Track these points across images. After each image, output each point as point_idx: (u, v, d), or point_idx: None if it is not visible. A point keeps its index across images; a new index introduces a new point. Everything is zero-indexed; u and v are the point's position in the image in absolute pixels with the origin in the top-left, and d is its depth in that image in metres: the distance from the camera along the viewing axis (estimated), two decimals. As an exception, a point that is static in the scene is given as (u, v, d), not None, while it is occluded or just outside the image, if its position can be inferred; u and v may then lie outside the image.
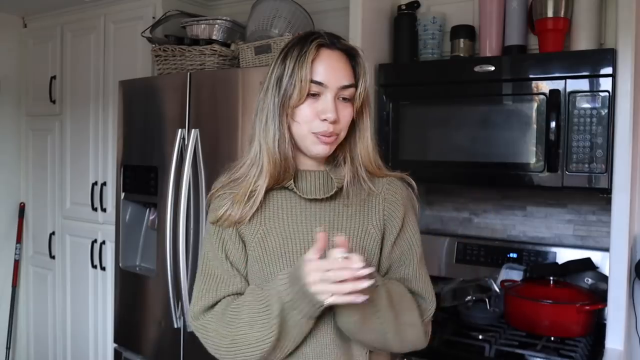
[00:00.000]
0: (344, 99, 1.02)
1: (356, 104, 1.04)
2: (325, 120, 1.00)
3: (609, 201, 1.54)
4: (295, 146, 1.05)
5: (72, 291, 2.83)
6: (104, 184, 2.64)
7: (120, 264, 2.25)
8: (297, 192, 1.05)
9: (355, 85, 1.03)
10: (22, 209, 3.08)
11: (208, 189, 1.90)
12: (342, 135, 1.05)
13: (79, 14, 2.74)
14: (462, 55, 1.90)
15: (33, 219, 3.06)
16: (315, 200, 1.06)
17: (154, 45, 2.20)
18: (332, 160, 1.09)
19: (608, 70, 1.51)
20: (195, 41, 2.12)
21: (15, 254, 3.05)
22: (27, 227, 3.09)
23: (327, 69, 1.01)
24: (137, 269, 2.25)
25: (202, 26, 2.17)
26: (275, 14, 2.04)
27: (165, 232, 1.96)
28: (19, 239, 3.06)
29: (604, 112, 1.51)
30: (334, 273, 0.88)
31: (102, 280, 2.66)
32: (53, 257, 2.92)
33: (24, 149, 3.09)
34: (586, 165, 1.54)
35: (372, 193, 1.08)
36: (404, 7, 2.02)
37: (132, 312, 2.20)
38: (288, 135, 1.02)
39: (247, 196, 1.03)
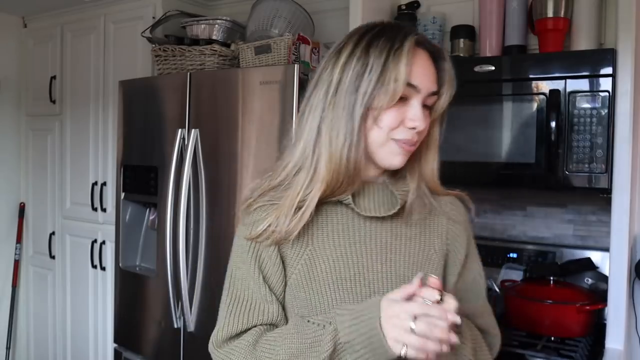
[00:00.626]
0: (424, 106, 0.88)
1: (435, 114, 0.91)
2: (413, 128, 0.86)
3: (609, 201, 1.53)
4: (365, 155, 0.89)
5: (72, 291, 2.83)
6: (104, 184, 2.64)
7: (120, 264, 2.25)
8: (355, 209, 0.90)
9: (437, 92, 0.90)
10: (22, 209, 3.08)
11: (208, 189, 1.92)
12: (419, 145, 0.91)
13: (79, 14, 2.74)
14: (462, 55, 1.90)
15: (33, 218, 3.06)
16: (374, 218, 0.91)
17: (154, 45, 2.20)
18: (393, 172, 0.94)
19: (608, 70, 1.50)
20: (195, 41, 2.12)
21: (15, 254, 3.05)
22: (27, 227, 3.09)
23: (422, 70, 0.86)
24: (137, 269, 2.25)
25: (202, 26, 2.17)
26: (275, 14, 2.04)
27: (165, 232, 1.96)
28: (19, 239, 3.06)
29: (604, 112, 1.51)
30: (425, 323, 0.73)
31: (102, 280, 2.66)
32: (53, 257, 2.92)
33: (24, 149, 3.09)
34: (586, 165, 1.53)
35: (434, 212, 0.95)
36: (404, 7, 2.02)
37: (132, 312, 2.20)
38: (364, 142, 0.87)
39: (294, 208, 0.87)
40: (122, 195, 2.24)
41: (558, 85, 1.57)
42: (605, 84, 1.51)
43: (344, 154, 0.85)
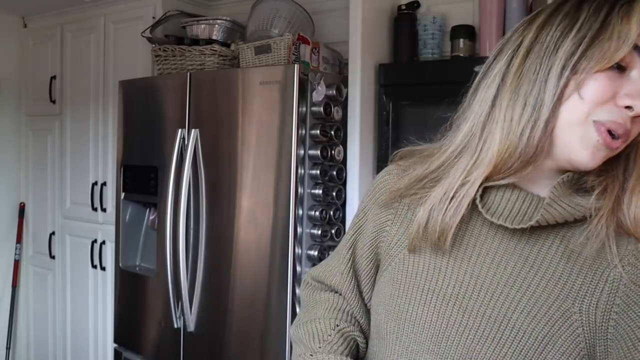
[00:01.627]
0: None
1: None
2: (628, 108, 0.60)
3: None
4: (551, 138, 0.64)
5: (72, 291, 2.83)
6: (104, 184, 2.64)
7: (120, 264, 2.25)
8: (480, 209, 0.67)
9: None
10: (22, 209, 3.08)
11: (208, 189, 1.92)
12: (621, 148, 0.63)
13: (79, 14, 2.74)
14: (462, 55, 1.90)
15: (33, 219, 3.06)
16: (506, 229, 0.67)
17: (154, 45, 2.20)
18: (568, 185, 0.65)
19: (608, 70, 1.50)
20: (195, 41, 2.12)
21: (15, 254, 3.05)
22: (27, 227, 3.09)
23: None
24: (137, 269, 2.26)
25: (202, 26, 2.17)
26: (275, 14, 2.04)
27: (165, 232, 1.96)
28: (19, 239, 3.06)
29: (604, 112, 1.51)
30: None
31: (102, 280, 2.66)
32: (53, 257, 2.92)
33: (24, 149, 3.09)
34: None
35: (608, 257, 0.62)
36: (404, 7, 2.02)
37: (132, 312, 2.20)
38: (554, 120, 0.62)
39: (449, 198, 0.67)
40: (122, 195, 2.24)
41: (558, 85, 1.56)
42: (606, 84, 1.51)
43: (526, 131, 0.62)
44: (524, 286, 0.64)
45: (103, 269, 2.65)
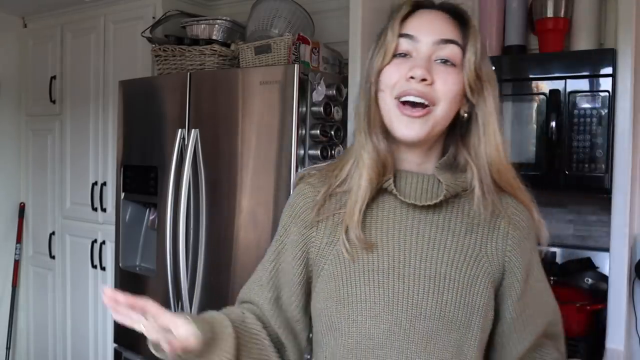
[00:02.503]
0: (443, 61, 0.80)
1: (466, 74, 0.80)
2: (411, 78, 0.78)
3: (609, 201, 1.53)
4: (388, 134, 0.83)
5: (72, 291, 2.83)
6: (104, 184, 2.64)
7: (120, 264, 2.25)
8: (396, 194, 0.82)
9: (460, 45, 0.81)
10: (22, 209, 3.08)
11: (208, 189, 1.92)
12: (439, 111, 0.80)
13: (79, 14, 2.74)
14: (462, 55, 1.90)
15: (33, 219, 3.06)
16: (418, 208, 0.83)
17: (154, 45, 2.20)
18: (447, 166, 0.85)
19: (608, 70, 1.50)
20: (195, 41, 2.12)
21: (15, 254, 3.05)
22: (27, 227, 3.09)
23: (421, 22, 0.81)
24: (137, 269, 2.26)
25: (202, 26, 2.17)
26: (275, 14, 2.04)
27: (165, 232, 1.96)
28: (19, 239, 3.06)
29: (604, 112, 1.51)
30: None
31: (102, 280, 2.65)
32: (53, 257, 2.92)
33: (24, 149, 3.09)
34: (586, 165, 1.53)
35: (495, 212, 0.82)
36: (404, 7, 2.02)
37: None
38: (379, 118, 0.82)
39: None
40: (122, 195, 2.24)
41: (558, 85, 1.56)
42: (605, 84, 1.51)
43: (369, 136, 0.82)
44: (442, 246, 0.81)
45: (103, 269, 2.65)
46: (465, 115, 0.84)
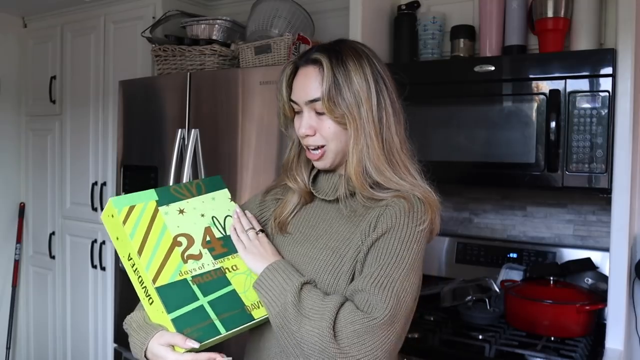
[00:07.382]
0: (318, 113, 1.02)
1: (331, 115, 1.00)
2: (303, 137, 1.04)
3: (609, 201, 1.53)
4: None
5: (72, 291, 2.83)
6: (104, 184, 2.64)
7: (120, 264, 2.25)
8: (312, 191, 1.11)
9: (323, 97, 0.99)
10: (22, 209, 3.08)
11: (208, 189, 1.91)
12: (333, 147, 1.04)
13: (79, 14, 2.74)
14: (462, 55, 1.90)
15: (33, 219, 3.06)
16: (324, 200, 1.10)
17: (154, 45, 2.20)
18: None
19: (608, 70, 1.50)
20: (195, 41, 2.12)
21: (15, 254, 3.06)
22: (27, 227, 3.09)
23: (297, 86, 1.04)
24: (137, 269, 2.25)
25: (202, 26, 2.18)
26: (275, 14, 2.04)
27: (165, 232, 1.96)
28: (19, 239, 3.06)
29: (604, 112, 1.51)
30: None
31: (102, 280, 2.66)
32: (53, 257, 2.92)
33: (24, 149, 3.09)
34: (586, 165, 1.53)
35: (369, 208, 1.02)
36: (404, 7, 2.02)
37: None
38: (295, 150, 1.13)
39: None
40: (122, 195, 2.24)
41: (558, 85, 1.57)
42: (605, 84, 1.51)
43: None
44: (334, 228, 1.06)
45: (103, 269, 2.65)
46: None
